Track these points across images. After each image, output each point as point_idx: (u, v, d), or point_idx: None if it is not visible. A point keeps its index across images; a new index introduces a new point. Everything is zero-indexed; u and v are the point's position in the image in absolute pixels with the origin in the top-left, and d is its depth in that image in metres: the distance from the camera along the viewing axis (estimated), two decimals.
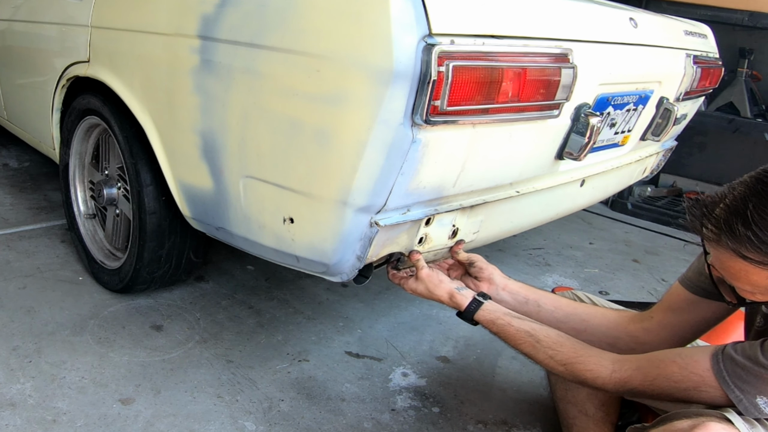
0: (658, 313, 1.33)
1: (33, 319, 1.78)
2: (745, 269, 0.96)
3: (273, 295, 2.06)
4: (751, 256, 0.94)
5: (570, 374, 1.20)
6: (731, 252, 0.96)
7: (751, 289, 1.00)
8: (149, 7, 1.54)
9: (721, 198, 0.99)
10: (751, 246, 0.93)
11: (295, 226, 1.30)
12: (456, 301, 1.33)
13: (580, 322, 1.37)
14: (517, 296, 1.42)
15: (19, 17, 2.24)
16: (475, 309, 1.31)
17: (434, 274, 1.36)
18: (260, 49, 1.25)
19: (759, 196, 0.94)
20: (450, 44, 1.07)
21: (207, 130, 1.40)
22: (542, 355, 1.23)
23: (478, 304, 1.31)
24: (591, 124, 1.42)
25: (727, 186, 1.01)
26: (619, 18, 1.58)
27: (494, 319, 1.29)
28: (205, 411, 1.48)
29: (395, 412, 1.56)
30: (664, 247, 3.02)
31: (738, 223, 0.93)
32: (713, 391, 1.02)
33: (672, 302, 1.31)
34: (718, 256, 1.00)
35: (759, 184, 0.95)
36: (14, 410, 1.42)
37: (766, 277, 0.95)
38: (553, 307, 1.40)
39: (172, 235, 1.73)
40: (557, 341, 1.23)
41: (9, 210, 2.55)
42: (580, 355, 1.20)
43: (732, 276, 1.01)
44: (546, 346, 1.22)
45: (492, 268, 1.45)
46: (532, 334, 1.24)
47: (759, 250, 0.93)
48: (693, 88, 1.92)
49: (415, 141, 1.12)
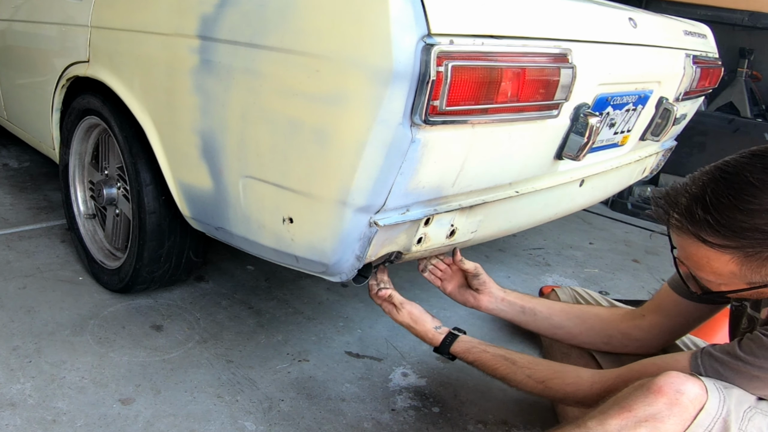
0: (648, 313, 1.36)
1: (33, 319, 1.78)
2: (707, 256, 1.00)
3: (273, 295, 2.06)
4: (711, 239, 0.97)
5: (550, 390, 1.22)
6: (693, 237, 0.99)
7: (715, 279, 1.03)
8: (149, 7, 1.55)
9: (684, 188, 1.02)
10: (710, 229, 0.97)
11: (294, 226, 1.30)
12: (431, 337, 1.40)
13: (575, 325, 1.42)
14: (513, 307, 1.48)
15: (19, 17, 2.25)
16: (450, 342, 1.38)
17: (415, 311, 1.43)
18: (260, 49, 1.25)
19: (716, 182, 0.98)
20: (449, 44, 1.08)
21: (206, 130, 1.41)
22: (520, 376, 1.26)
23: (453, 338, 1.39)
24: (590, 124, 1.42)
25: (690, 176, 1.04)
26: (619, 18, 1.58)
27: (469, 348, 1.35)
28: (205, 411, 1.48)
29: (395, 412, 1.56)
30: (664, 247, 3.01)
31: (698, 208, 0.97)
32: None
33: (661, 303, 1.35)
34: (683, 245, 1.03)
35: (718, 171, 1.00)
36: (14, 410, 1.42)
37: (726, 263, 0.98)
38: (548, 314, 1.46)
39: (171, 234, 1.73)
40: (533, 361, 1.28)
41: (9, 210, 2.55)
42: (557, 371, 1.23)
43: (696, 266, 1.04)
44: (523, 366, 1.27)
45: (490, 281, 1.51)
46: (507, 357, 1.30)
47: (717, 233, 0.96)
48: (693, 88, 1.92)
49: (414, 141, 1.12)
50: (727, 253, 0.97)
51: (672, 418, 0.97)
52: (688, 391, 0.98)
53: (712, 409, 0.98)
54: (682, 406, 0.97)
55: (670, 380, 0.99)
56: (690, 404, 0.98)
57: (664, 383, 0.99)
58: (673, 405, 0.98)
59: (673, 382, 0.99)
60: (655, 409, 0.98)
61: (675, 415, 0.97)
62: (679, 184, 1.04)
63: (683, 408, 0.97)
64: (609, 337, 1.37)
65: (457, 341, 1.37)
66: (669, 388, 0.99)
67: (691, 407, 0.98)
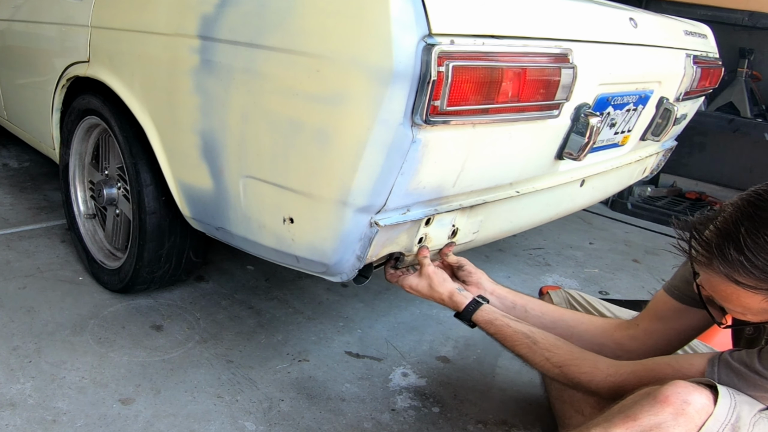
0: (644, 321, 1.32)
1: (33, 319, 1.78)
2: (737, 293, 0.96)
3: (273, 295, 2.06)
4: (744, 281, 0.93)
5: (565, 377, 1.20)
6: (723, 276, 0.95)
7: (742, 311, 0.99)
8: (149, 7, 1.54)
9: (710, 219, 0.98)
10: (744, 271, 0.92)
11: (295, 226, 1.30)
12: (455, 300, 1.33)
13: (566, 328, 1.38)
14: (504, 301, 1.43)
15: (19, 17, 2.24)
16: (473, 309, 1.32)
17: (439, 272, 1.37)
18: (260, 49, 1.25)
19: (751, 220, 0.93)
20: (450, 44, 1.07)
21: (207, 130, 1.40)
22: (539, 357, 1.23)
23: (477, 305, 1.32)
24: (591, 124, 1.42)
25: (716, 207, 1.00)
26: (619, 18, 1.58)
27: (492, 320, 1.30)
28: (205, 411, 1.48)
29: (395, 412, 1.56)
30: (664, 247, 3.02)
31: (730, 248, 0.93)
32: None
33: (657, 310, 1.30)
34: (709, 278, 0.99)
35: (750, 207, 0.94)
36: (14, 410, 1.42)
37: (759, 301, 0.94)
38: (540, 312, 1.41)
39: (172, 235, 1.73)
40: (554, 344, 1.23)
41: (9, 210, 2.55)
42: (576, 357, 1.20)
43: (723, 298, 1.00)
44: (543, 348, 1.23)
45: (480, 272, 1.45)
46: (529, 335, 1.25)
47: (752, 275, 0.92)
48: (693, 88, 1.92)
49: (415, 141, 1.12)
50: (760, 294, 0.93)
51: (677, 428, 0.96)
52: (694, 402, 0.96)
53: (722, 415, 0.96)
54: (688, 417, 0.96)
55: (677, 390, 0.97)
56: (696, 415, 0.96)
57: (671, 393, 0.97)
58: (678, 415, 0.96)
59: (680, 392, 0.97)
60: (660, 419, 0.96)
61: (681, 425, 0.96)
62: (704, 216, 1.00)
63: (689, 419, 0.96)
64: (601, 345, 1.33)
65: (481, 309, 1.31)
66: (676, 398, 0.96)
67: (697, 418, 0.96)
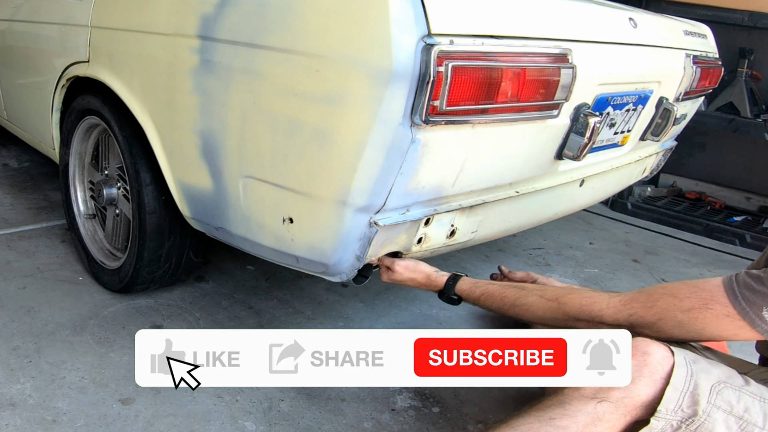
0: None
1: (33, 319, 1.78)
2: None
3: (273, 295, 2.06)
4: None
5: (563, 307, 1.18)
6: None
7: None
8: (149, 7, 1.55)
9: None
10: None
11: (294, 226, 1.30)
12: (434, 280, 1.40)
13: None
14: None
15: (19, 17, 2.25)
16: (453, 283, 1.37)
17: (409, 263, 1.42)
18: (260, 49, 1.25)
19: None
20: (449, 44, 1.08)
21: (206, 130, 1.41)
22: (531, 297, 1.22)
23: (456, 278, 1.38)
24: (590, 124, 1.42)
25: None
26: (619, 18, 1.58)
27: (475, 283, 1.34)
28: (205, 411, 1.48)
29: (395, 412, 1.56)
30: (664, 247, 3.02)
31: None
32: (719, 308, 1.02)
33: None
34: None
35: None
36: (14, 410, 1.42)
37: None
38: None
39: (171, 235, 1.73)
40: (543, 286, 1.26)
41: (9, 210, 2.55)
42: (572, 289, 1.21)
43: None
44: (533, 289, 1.24)
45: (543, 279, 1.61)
46: (515, 285, 1.28)
47: None
48: (693, 88, 1.92)
49: (415, 141, 1.12)
50: None
51: (642, 379, 1.00)
52: (654, 353, 1.01)
53: (679, 383, 1.00)
54: (651, 367, 1.00)
55: (636, 343, 1.02)
56: (657, 364, 1.00)
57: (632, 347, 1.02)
58: (642, 366, 1.00)
59: (639, 345, 1.02)
60: None
61: (645, 375, 1.00)
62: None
63: (652, 369, 1.00)
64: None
65: (461, 280, 1.36)
66: (636, 351, 1.02)
67: (660, 367, 1.00)
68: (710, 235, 3.22)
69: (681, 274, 2.67)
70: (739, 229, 3.21)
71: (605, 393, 1.02)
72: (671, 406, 1.00)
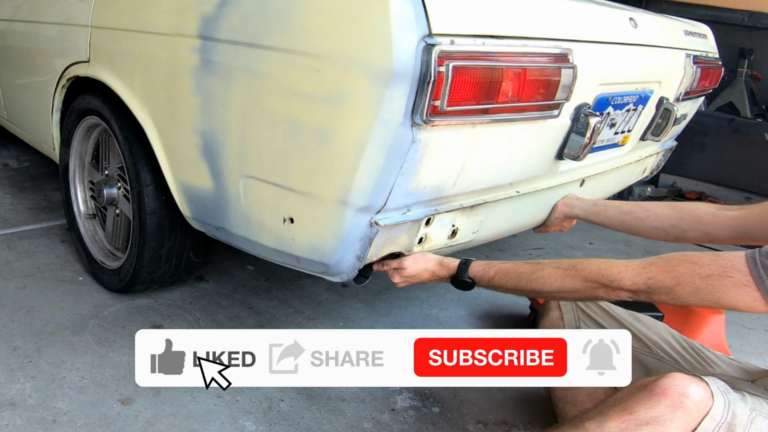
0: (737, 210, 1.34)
1: (33, 319, 1.78)
2: None
3: (273, 295, 2.06)
4: None
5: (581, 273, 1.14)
6: None
7: None
8: (149, 7, 1.54)
9: None
10: None
11: (295, 226, 1.30)
12: (446, 264, 1.34)
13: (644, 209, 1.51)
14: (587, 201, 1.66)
15: (19, 17, 2.24)
16: (466, 266, 1.31)
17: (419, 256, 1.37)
18: (260, 49, 1.25)
19: None
20: (450, 44, 1.07)
21: (207, 130, 1.40)
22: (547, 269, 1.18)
23: (468, 262, 1.32)
24: (591, 124, 1.42)
25: None
26: (619, 18, 1.58)
27: (488, 263, 1.29)
28: (205, 411, 1.48)
29: (395, 412, 1.56)
30: (663, 247, 3.02)
31: None
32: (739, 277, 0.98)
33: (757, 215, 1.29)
34: None
35: None
36: (14, 410, 1.42)
37: None
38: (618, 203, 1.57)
39: (172, 235, 1.73)
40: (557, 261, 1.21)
41: (9, 210, 2.55)
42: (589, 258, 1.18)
43: None
44: (547, 263, 1.20)
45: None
46: (529, 263, 1.23)
47: None
48: (693, 88, 1.92)
49: (415, 141, 1.12)
50: None
51: (675, 421, 0.95)
52: (692, 395, 0.95)
53: (717, 414, 0.95)
54: (686, 410, 0.95)
55: (674, 382, 0.96)
56: (694, 408, 0.95)
57: (668, 386, 0.96)
58: (676, 408, 0.95)
59: (677, 384, 0.96)
60: (657, 413, 0.95)
61: (678, 418, 0.95)
62: None
63: (687, 412, 0.95)
64: (679, 219, 1.41)
65: (473, 263, 1.31)
66: (673, 391, 0.95)
67: (696, 411, 0.95)
68: None
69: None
70: None
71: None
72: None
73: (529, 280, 1.20)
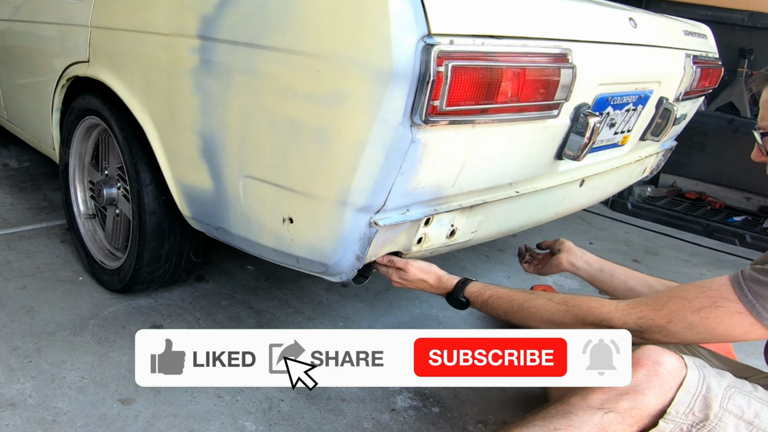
0: None
1: (33, 319, 1.78)
2: None
3: (273, 295, 2.06)
4: None
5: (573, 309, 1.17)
6: None
7: None
8: (149, 7, 1.54)
9: None
10: None
11: (294, 226, 1.30)
12: (444, 282, 1.38)
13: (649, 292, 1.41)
14: (593, 265, 1.52)
15: (19, 17, 2.25)
16: (463, 286, 1.36)
17: (422, 264, 1.41)
18: (260, 49, 1.25)
19: None
20: (449, 44, 1.08)
21: (206, 130, 1.41)
22: (540, 300, 1.21)
23: (466, 281, 1.36)
24: (590, 124, 1.42)
25: None
26: (619, 18, 1.58)
27: (484, 286, 1.33)
28: (205, 411, 1.48)
29: (395, 412, 1.56)
30: (664, 247, 3.02)
31: None
32: (729, 305, 1.01)
33: None
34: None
35: None
36: (14, 410, 1.42)
37: None
38: (626, 276, 1.49)
39: (171, 235, 1.73)
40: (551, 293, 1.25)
41: (9, 210, 2.55)
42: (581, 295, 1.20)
43: None
44: (541, 294, 1.24)
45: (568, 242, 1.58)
46: (524, 291, 1.28)
47: None
48: (693, 88, 1.92)
49: (415, 141, 1.12)
50: None
51: (652, 389, 0.98)
52: (666, 362, 0.99)
53: (692, 385, 0.99)
54: (662, 378, 0.98)
55: (648, 352, 1.00)
56: (669, 375, 0.98)
57: (642, 355, 1.00)
58: (652, 376, 0.98)
59: (650, 354, 1.00)
60: (635, 382, 0.99)
61: (655, 386, 0.98)
62: None
63: (663, 380, 0.98)
64: None
65: (471, 284, 1.35)
66: (647, 360, 1.00)
67: (671, 379, 0.98)
68: (710, 235, 3.22)
69: (681, 274, 2.67)
70: (739, 229, 3.21)
71: (612, 404, 1.00)
72: (682, 409, 0.98)
73: (520, 307, 1.24)
